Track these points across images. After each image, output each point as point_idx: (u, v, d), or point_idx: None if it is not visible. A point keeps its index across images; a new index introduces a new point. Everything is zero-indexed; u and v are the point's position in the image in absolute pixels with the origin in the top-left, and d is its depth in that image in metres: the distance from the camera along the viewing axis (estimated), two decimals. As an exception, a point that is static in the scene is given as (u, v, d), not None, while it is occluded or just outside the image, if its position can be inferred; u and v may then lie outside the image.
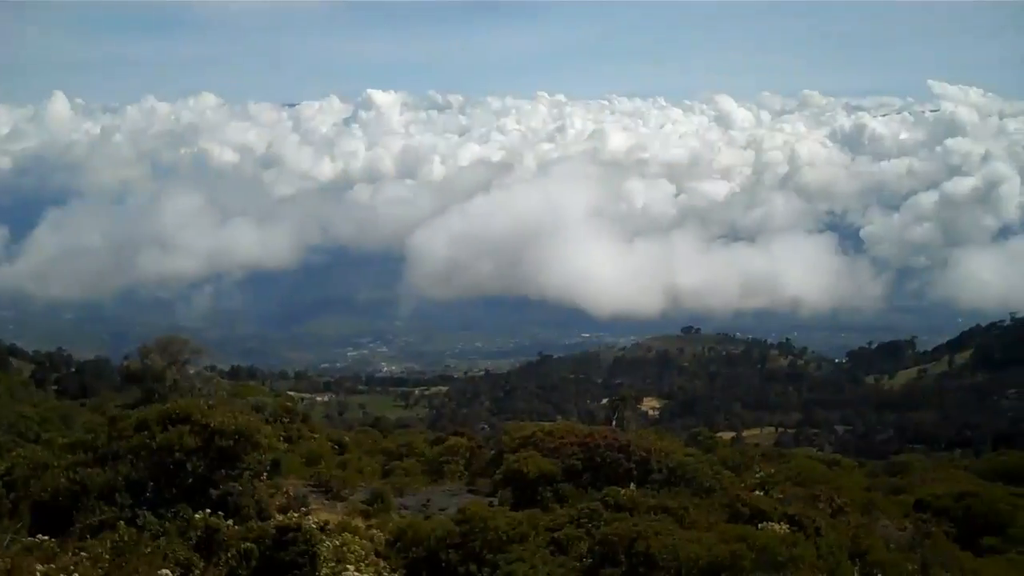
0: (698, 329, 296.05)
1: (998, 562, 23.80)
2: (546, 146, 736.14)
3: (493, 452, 32.42)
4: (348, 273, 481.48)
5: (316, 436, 35.32)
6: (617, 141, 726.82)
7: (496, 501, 25.19)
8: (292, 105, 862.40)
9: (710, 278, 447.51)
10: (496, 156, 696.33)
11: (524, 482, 25.25)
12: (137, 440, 21.24)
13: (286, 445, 28.45)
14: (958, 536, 28.19)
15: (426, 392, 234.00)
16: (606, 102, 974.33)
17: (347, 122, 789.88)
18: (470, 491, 29.24)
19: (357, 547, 19.57)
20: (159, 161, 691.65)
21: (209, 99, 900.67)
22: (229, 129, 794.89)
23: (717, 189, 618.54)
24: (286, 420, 33.91)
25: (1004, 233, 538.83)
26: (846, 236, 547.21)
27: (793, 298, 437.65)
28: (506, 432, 33.94)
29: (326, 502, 25.35)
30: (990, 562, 23.78)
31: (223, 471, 21.27)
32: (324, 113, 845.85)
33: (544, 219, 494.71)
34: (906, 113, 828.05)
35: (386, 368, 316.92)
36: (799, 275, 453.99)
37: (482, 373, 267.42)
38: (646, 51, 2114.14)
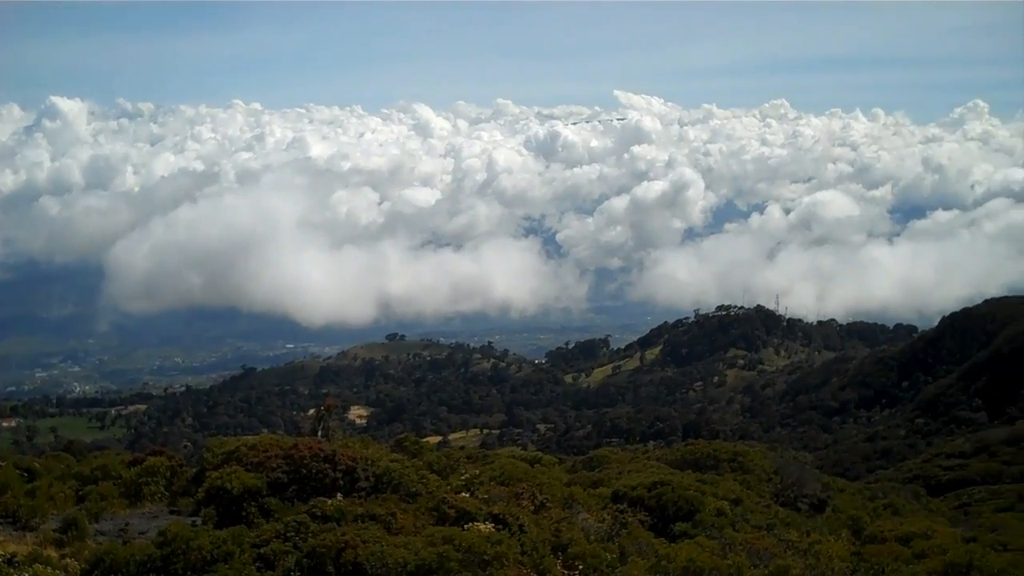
0: (403, 336, 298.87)
1: (689, 546, 25.04)
2: (245, 155, 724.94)
3: (195, 470, 31.40)
4: (36, 289, 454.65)
5: (1, 464, 33.12)
6: (318, 150, 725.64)
7: (199, 520, 24.41)
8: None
9: (419, 284, 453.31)
10: (192, 165, 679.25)
11: (228, 499, 24.59)
12: None
13: (-33, 476, 26.54)
14: (652, 524, 29.48)
15: (123, 412, 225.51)
16: (304, 110, 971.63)
17: (29, 131, 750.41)
18: (172, 512, 28.18)
19: (49, 578, 18.54)
20: None
21: None
22: None
23: (421, 196, 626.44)
24: (-34, 449, 31.64)
25: (690, 234, 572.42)
26: (546, 241, 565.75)
27: (501, 301, 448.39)
28: (208, 448, 32.94)
29: (14, 533, 23.82)
30: (682, 547, 24.99)
31: None
32: (3, 122, 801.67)
33: (251, 229, 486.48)
34: (596, 122, 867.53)
35: (79, 389, 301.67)
36: (505, 279, 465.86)
37: (183, 389, 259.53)
38: (341, 59, 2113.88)
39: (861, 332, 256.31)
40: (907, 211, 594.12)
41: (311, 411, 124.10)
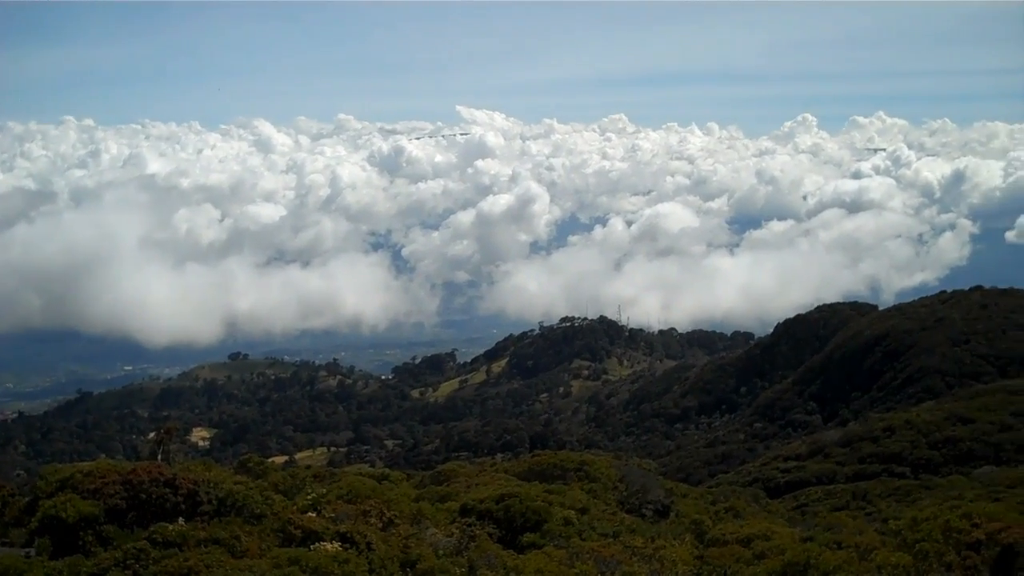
0: (246, 355, 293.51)
1: (537, 556, 25.28)
2: (79, 172, 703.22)
3: (28, 499, 30.26)
4: None
5: None
6: (156, 167, 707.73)
7: (33, 552, 23.54)
8: None
9: (266, 302, 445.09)
10: (23, 183, 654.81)
11: (63, 528, 23.79)
12: None
13: None
14: (501, 536, 29.65)
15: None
16: (139, 127, 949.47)
17: None
18: (3, 543, 27.14)
19: None
20: None
21: None
22: None
23: (264, 213, 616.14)
24: None
25: (535, 248, 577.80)
26: (394, 256, 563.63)
27: (351, 318, 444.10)
28: (42, 476, 31.84)
29: None
30: (530, 557, 25.21)
31: None
32: None
33: (89, 248, 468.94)
34: (439, 137, 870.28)
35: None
36: (354, 295, 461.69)
37: (15, 415, 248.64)
38: (177, 74, 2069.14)
39: (701, 340, 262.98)
40: (744, 222, 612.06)
41: (151, 435, 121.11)
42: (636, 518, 39.78)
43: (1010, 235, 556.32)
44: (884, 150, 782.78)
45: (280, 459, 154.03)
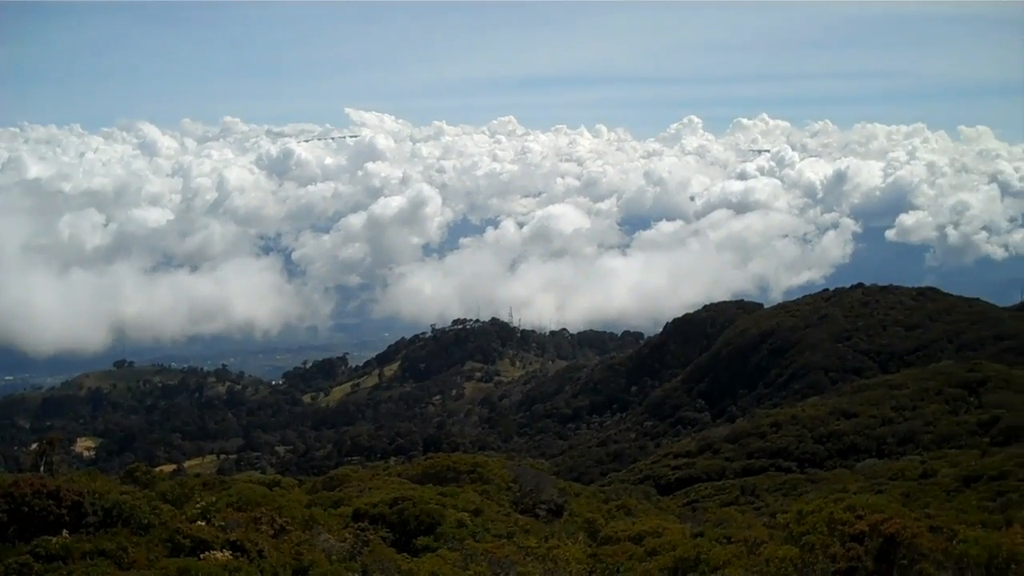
0: (131, 362, 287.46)
1: (432, 559, 25.25)
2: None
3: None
4: None
5: None
6: (37, 170, 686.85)
7: (-92, 569, 22.79)
8: None
9: (155, 308, 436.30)
10: None
11: (-60, 544, 23.07)
12: None
13: None
14: (395, 540, 29.55)
15: None
16: (17, 129, 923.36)
17: None
18: None
19: None
20: None
21: None
22: None
23: (150, 217, 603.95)
24: None
25: (427, 250, 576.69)
26: (284, 260, 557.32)
27: (243, 323, 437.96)
28: (-83, 491, 30.84)
29: None
30: (424, 561, 25.16)
31: None
32: None
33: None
34: (328, 139, 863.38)
35: None
36: (245, 299, 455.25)
37: None
38: (57, 76, 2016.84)
39: (591, 340, 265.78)
40: (634, 223, 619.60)
41: (33, 446, 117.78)
42: (530, 518, 39.96)
43: (890, 234, 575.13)
44: (768, 151, 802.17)
45: (168, 468, 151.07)
